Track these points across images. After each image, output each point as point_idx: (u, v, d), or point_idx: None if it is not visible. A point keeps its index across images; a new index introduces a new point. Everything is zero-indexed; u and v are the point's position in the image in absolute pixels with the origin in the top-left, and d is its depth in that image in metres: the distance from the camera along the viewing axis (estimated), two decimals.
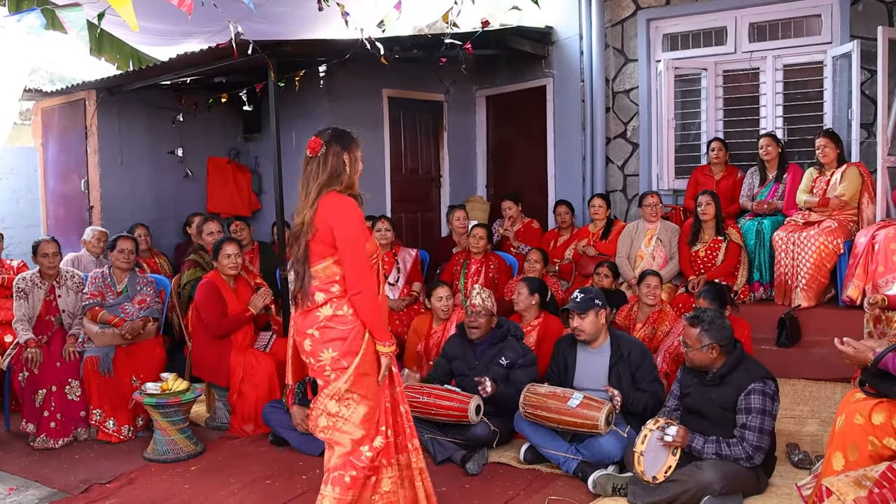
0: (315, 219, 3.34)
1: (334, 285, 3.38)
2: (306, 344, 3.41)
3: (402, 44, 7.06)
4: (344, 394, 3.36)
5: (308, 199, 3.38)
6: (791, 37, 7.54)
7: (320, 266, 3.38)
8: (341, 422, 3.39)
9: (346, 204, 3.38)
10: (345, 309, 3.36)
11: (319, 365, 3.39)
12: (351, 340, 3.36)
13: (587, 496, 4.18)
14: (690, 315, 4.19)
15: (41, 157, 8.45)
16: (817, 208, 6.34)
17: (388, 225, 7.03)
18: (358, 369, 3.36)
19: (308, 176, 3.41)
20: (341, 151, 3.42)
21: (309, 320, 3.40)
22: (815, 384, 5.64)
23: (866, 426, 3.17)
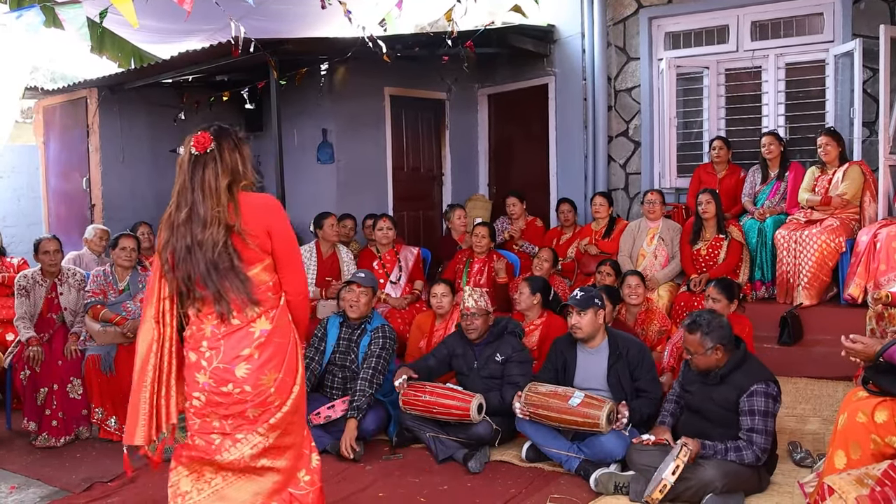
0: (243, 221, 2.88)
1: (268, 293, 2.95)
2: (240, 369, 2.86)
3: (404, 42, 7.06)
4: (292, 417, 2.97)
5: (215, 201, 2.85)
6: (793, 35, 7.53)
7: (252, 272, 2.92)
8: (282, 450, 2.99)
9: (275, 202, 3.04)
10: (282, 320, 2.97)
11: (259, 391, 2.88)
12: (290, 355, 2.98)
13: (589, 494, 4.18)
14: (687, 322, 4.15)
15: (43, 156, 8.46)
16: (819, 207, 6.34)
17: (389, 223, 7.03)
18: (301, 387, 3.01)
19: (202, 177, 2.88)
20: (234, 148, 2.96)
21: (238, 340, 2.89)
22: (817, 382, 5.64)
23: (869, 424, 3.16)
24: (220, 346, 2.89)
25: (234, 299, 2.87)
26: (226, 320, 2.89)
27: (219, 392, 2.89)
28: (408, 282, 6.96)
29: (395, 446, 5.02)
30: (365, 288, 5.26)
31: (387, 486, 4.40)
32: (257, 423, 2.91)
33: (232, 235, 2.86)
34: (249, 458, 2.93)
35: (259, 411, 2.90)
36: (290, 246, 3.01)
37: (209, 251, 2.83)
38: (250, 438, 2.92)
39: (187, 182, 2.90)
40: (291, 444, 3.01)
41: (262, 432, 2.92)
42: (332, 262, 6.99)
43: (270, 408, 2.91)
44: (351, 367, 5.22)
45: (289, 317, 3.02)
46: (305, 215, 7.90)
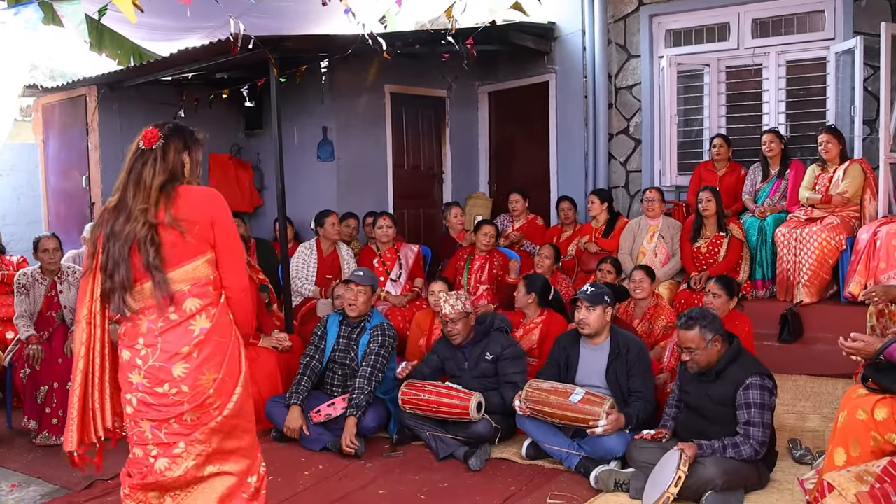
0: (181, 213, 2.77)
1: (208, 287, 2.82)
2: (177, 368, 2.73)
3: (404, 39, 7.05)
4: (236, 420, 2.83)
5: (143, 196, 2.78)
6: (794, 33, 7.51)
7: (189, 266, 2.79)
8: (229, 454, 2.86)
9: (218, 194, 2.91)
10: (223, 318, 2.85)
11: (197, 392, 2.74)
12: (231, 355, 2.83)
13: (589, 492, 4.18)
14: (682, 321, 4.13)
15: (42, 154, 8.45)
16: (820, 205, 6.33)
17: (389, 221, 7.03)
18: (245, 388, 2.86)
19: (139, 172, 2.82)
20: (182, 149, 2.90)
21: (178, 337, 2.75)
22: (817, 380, 5.64)
23: (869, 422, 3.16)
24: (157, 344, 2.75)
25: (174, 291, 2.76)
26: (161, 311, 2.76)
27: (153, 392, 2.76)
28: (408, 280, 6.96)
29: (396, 444, 5.02)
30: (363, 286, 5.25)
31: (387, 484, 4.41)
32: (196, 428, 2.77)
33: (161, 231, 2.75)
34: (195, 469, 2.80)
35: (197, 414, 2.76)
36: (232, 239, 2.89)
37: (126, 244, 2.75)
38: (191, 450, 2.78)
39: (128, 174, 2.86)
40: (237, 447, 2.87)
41: (201, 438, 2.78)
42: (332, 261, 6.99)
43: (210, 410, 2.77)
44: (351, 366, 5.22)
45: (229, 317, 2.89)
46: (306, 213, 7.90)
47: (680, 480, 3.68)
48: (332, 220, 6.95)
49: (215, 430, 2.79)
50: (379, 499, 4.21)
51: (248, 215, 8.50)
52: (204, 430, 2.78)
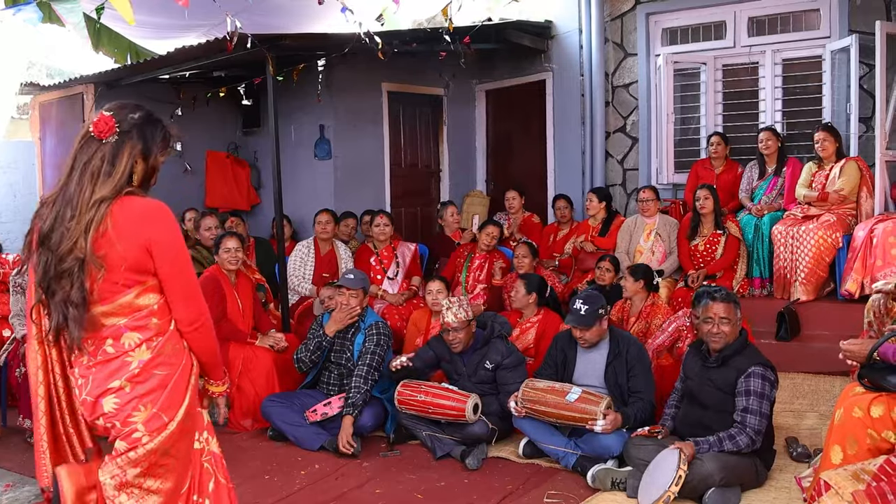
0: (103, 244, 2.37)
1: (152, 318, 2.47)
2: (107, 403, 2.42)
3: (402, 38, 7.05)
4: (159, 458, 2.46)
5: (84, 206, 2.36)
6: (790, 31, 7.53)
7: (126, 298, 2.43)
8: (140, 494, 2.46)
9: (161, 210, 2.46)
10: (167, 348, 2.49)
11: (129, 429, 2.42)
12: (173, 388, 2.48)
13: (586, 490, 4.17)
14: (723, 293, 4.19)
15: (39, 152, 8.43)
16: (816, 202, 6.35)
17: (386, 220, 7.02)
18: (181, 425, 2.49)
19: (86, 168, 2.40)
20: (140, 153, 2.46)
21: (111, 370, 2.43)
22: (815, 378, 5.65)
23: (865, 419, 3.17)
24: (90, 377, 2.46)
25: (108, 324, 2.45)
26: (98, 343, 2.45)
27: (94, 424, 2.52)
28: (405, 278, 6.96)
29: (393, 443, 5.01)
30: (355, 290, 5.22)
31: (384, 483, 4.40)
32: (119, 455, 2.45)
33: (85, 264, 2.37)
34: (107, 488, 2.46)
35: (125, 445, 2.43)
36: (177, 266, 2.48)
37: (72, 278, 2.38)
38: (110, 468, 2.46)
39: (73, 172, 2.44)
40: (158, 489, 2.48)
41: (120, 463, 2.44)
42: (329, 259, 6.99)
43: (138, 441, 2.43)
44: (346, 365, 5.21)
45: (181, 344, 2.54)
46: (303, 211, 7.90)
47: (681, 479, 3.68)
48: (320, 218, 6.95)
49: (134, 462, 2.44)
50: (375, 498, 4.21)
51: (246, 214, 8.50)
52: (123, 458, 2.44)
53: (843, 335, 5.31)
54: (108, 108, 2.47)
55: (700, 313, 4.21)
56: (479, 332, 5.12)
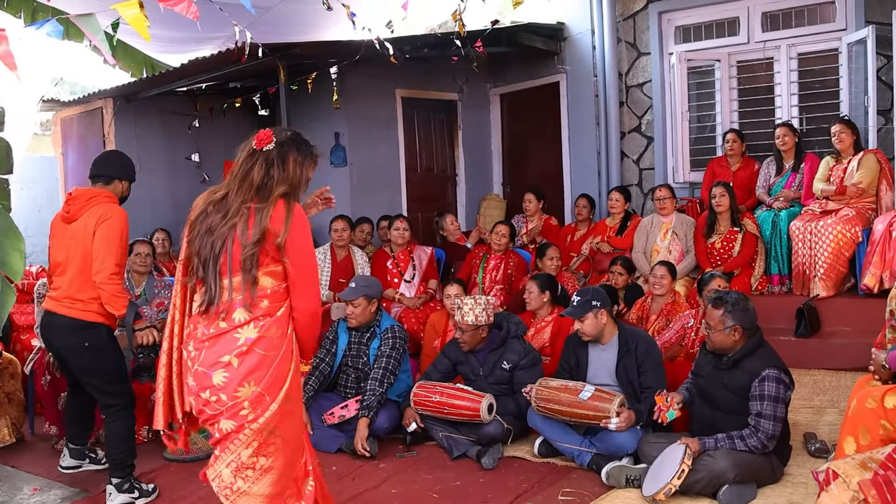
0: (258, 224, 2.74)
1: (263, 300, 2.74)
2: (217, 377, 2.69)
3: (413, 43, 7.09)
4: (267, 437, 2.72)
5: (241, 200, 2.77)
6: (805, 25, 7.48)
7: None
8: (256, 474, 2.74)
9: (302, 214, 2.85)
10: (273, 330, 2.73)
11: (234, 403, 2.69)
12: (276, 369, 2.73)
13: (601, 488, 4.17)
14: (714, 296, 4.16)
15: (61, 166, 8.59)
16: (834, 197, 6.28)
17: (405, 224, 7.07)
18: (283, 406, 2.74)
19: (247, 170, 2.80)
20: (303, 160, 2.90)
21: (223, 345, 2.70)
22: (835, 374, 5.58)
23: (878, 410, 3.15)
24: (203, 349, 2.73)
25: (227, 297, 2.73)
26: (212, 318, 2.73)
27: (198, 397, 2.76)
28: (422, 281, 6.98)
29: (410, 444, 5.03)
30: (356, 300, 5.22)
31: (400, 483, 4.42)
32: (232, 440, 2.73)
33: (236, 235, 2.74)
34: (227, 479, 2.75)
35: (233, 424, 2.71)
36: (302, 260, 2.79)
37: (219, 240, 2.74)
38: (224, 456, 2.74)
39: (240, 173, 2.82)
40: (270, 467, 2.75)
41: (233, 448, 2.72)
42: (346, 265, 7.03)
43: (245, 420, 2.70)
44: (363, 369, 5.23)
45: (286, 330, 2.78)
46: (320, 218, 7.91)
47: (683, 473, 3.68)
48: (336, 225, 7.00)
49: (244, 443, 2.71)
50: (391, 498, 4.23)
51: None
52: (235, 441, 2.72)
53: (864, 331, 5.35)
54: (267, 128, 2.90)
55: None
56: (496, 333, 5.13)
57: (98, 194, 4.34)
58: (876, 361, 3.62)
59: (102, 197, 4.33)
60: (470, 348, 5.09)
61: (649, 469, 3.98)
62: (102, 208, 4.20)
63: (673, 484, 3.69)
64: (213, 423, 2.76)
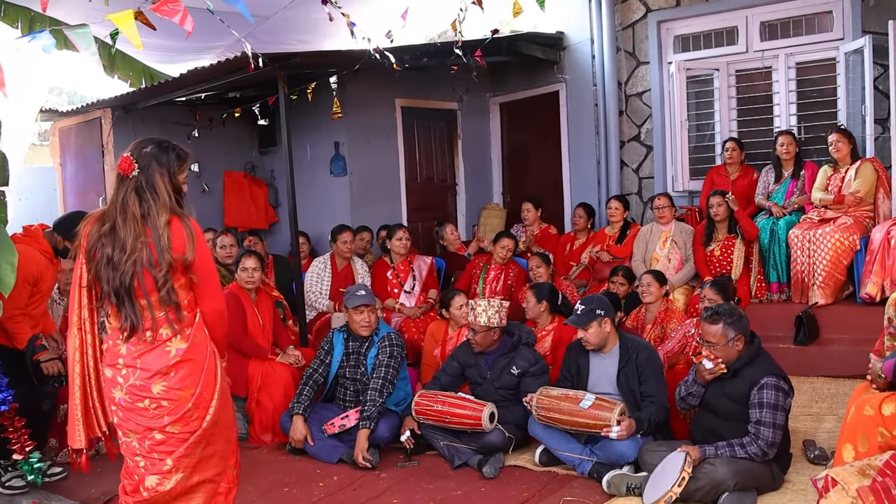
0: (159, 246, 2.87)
1: (184, 311, 2.94)
2: (156, 388, 2.86)
3: (413, 53, 7.11)
4: (213, 428, 2.97)
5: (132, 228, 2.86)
6: (803, 34, 7.50)
7: (161, 294, 2.90)
8: (212, 460, 3.01)
9: (194, 225, 2.97)
10: (199, 335, 2.95)
11: (177, 406, 2.89)
12: (208, 369, 2.96)
13: (602, 496, 4.17)
14: (708, 313, 4.16)
15: (59, 176, 8.59)
16: (833, 205, 6.30)
17: (406, 234, 7.09)
18: (220, 400, 2.99)
19: (123, 201, 2.89)
20: (164, 177, 2.95)
21: (155, 358, 2.88)
22: (834, 381, 5.60)
23: (876, 417, 3.16)
24: (136, 365, 2.88)
25: (149, 317, 2.88)
26: (139, 337, 2.88)
27: (134, 408, 2.90)
28: (422, 291, 6.99)
29: (410, 453, 5.02)
30: (371, 306, 5.25)
31: (401, 493, 4.42)
32: (181, 443, 2.91)
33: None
34: (184, 480, 2.95)
35: (179, 426, 2.90)
36: (203, 265, 2.96)
37: (126, 275, 2.86)
38: (178, 464, 2.92)
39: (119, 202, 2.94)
40: (213, 452, 3.01)
41: (185, 452, 2.92)
42: (346, 275, 7.04)
43: (191, 421, 2.91)
44: (362, 380, 5.23)
45: (205, 332, 2.99)
46: (320, 228, 7.96)
47: (684, 481, 3.68)
48: (344, 237, 7.00)
49: (197, 442, 2.94)
50: None
51: (265, 232, 8.58)
52: (188, 444, 2.92)
53: (863, 338, 5.36)
54: (125, 152, 2.95)
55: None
56: (507, 339, 5.15)
57: (25, 237, 4.61)
58: (873, 370, 3.64)
59: (25, 238, 4.59)
60: (481, 350, 5.11)
61: (650, 477, 3.99)
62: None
63: (674, 492, 3.69)
64: (148, 431, 2.90)
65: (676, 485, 3.68)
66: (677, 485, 3.68)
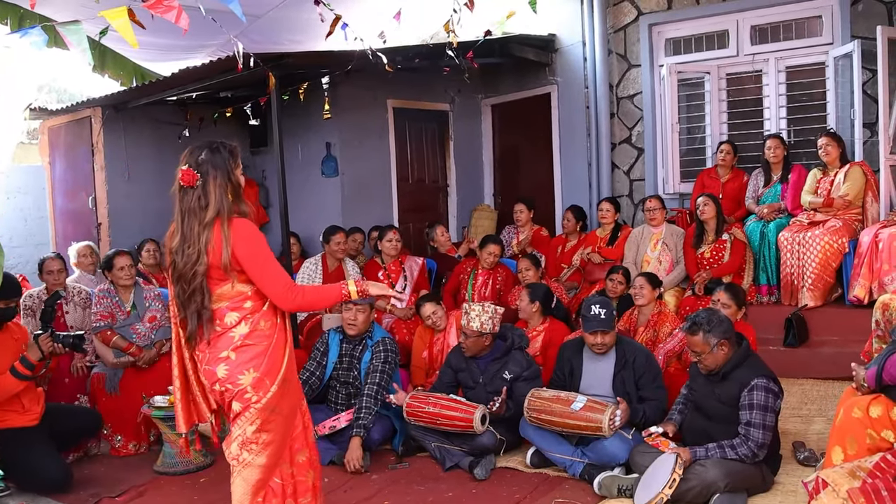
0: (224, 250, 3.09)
1: (246, 301, 3.16)
2: (220, 370, 3.13)
3: (405, 54, 7.11)
4: (269, 415, 3.14)
5: (193, 234, 3.11)
6: (793, 38, 7.54)
7: (225, 288, 3.14)
8: (258, 449, 3.15)
9: (250, 227, 3.16)
10: (262, 324, 3.16)
11: (239, 389, 3.11)
12: (271, 356, 3.15)
13: (593, 498, 4.18)
14: (687, 325, 4.14)
15: (49, 176, 8.53)
16: (822, 208, 6.34)
17: (398, 236, 7.08)
18: (281, 387, 3.15)
19: (185, 210, 3.13)
20: (223, 180, 3.15)
21: (222, 344, 3.14)
22: (823, 383, 5.63)
23: (864, 419, 3.18)
24: (207, 350, 3.16)
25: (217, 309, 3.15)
26: (209, 329, 3.14)
27: (212, 389, 3.21)
28: (413, 292, 6.98)
29: (402, 456, 5.01)
30: (362, 305, 5.23)
31: (393, 494, 4.42)
32: (239, 416, 3.14)
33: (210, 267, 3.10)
34: (237, 449, 3.16)
35: (240, 406, 3.13)
36: (255, 258, 3.12)
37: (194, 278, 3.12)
38: (234, 430, 3.17)
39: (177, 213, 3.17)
40: (270, 441, 3.16)
41: (240, 423, 3.14)
42: (337, 276, 7.02)
43: (249, 402, 3.11)
44: (354, 384, 5.21)
45: (275, 321, 3.20)
46: (312, 229, 7.94)
47: (675, 483, 3.70)
48: (337, 238, 6.98)
49: (249, 420, 3.12)
50: None
51: None
52: (243, 417, 3.13)
53: (852, 340, 5.39)
54: (184, 165, 3.13)
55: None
56: (500, 343, 5.14)
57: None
58: (857, 379, 3.66)
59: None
60: (472, 354, 5.10)
61: (641, 479, 4.00)
62: None
63: (664, 493, 3.70)
64: (229, 407, 3.19)
65: (667, 486, 3.69)
66: (668, 486, 3.70)
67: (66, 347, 4.65)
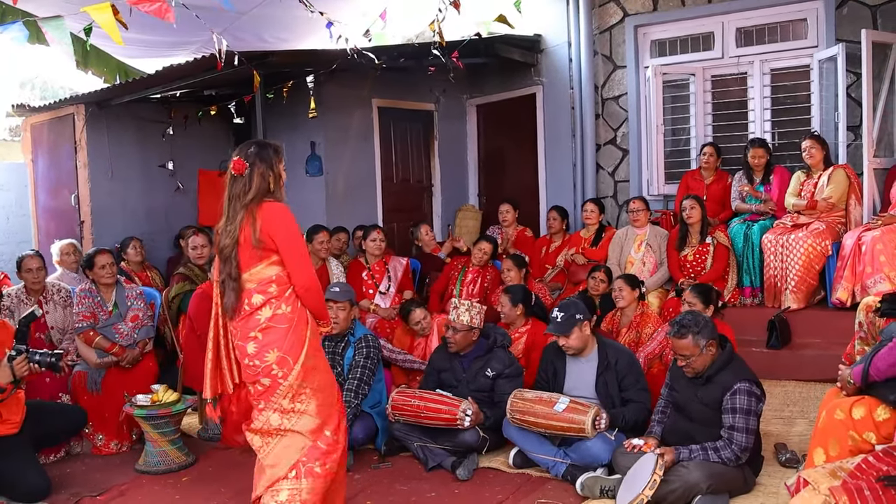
0: (252, 227, 3.45)
1: (271, 286, 3.48)
2: (250, 347, 3.47)
3: (390, 53, 7.09)
4: (297, 389, 3.47)
5: (235, 216, 3.49)
6: (778, 41, 7.58)
7: (255, 269, 3.48)
8: (296, 416, 3.49)
9: (281, 208, 3.53)
10: (283, 308, 3.47)
11: (265, 366, 3.45)
12: (293, 336, 3.47)
13: (576, 499, 4.17)
14: (673, 330, 4.12)
15: (31, 173, 8.47)
16: (805, 211, 6.37)
17: (382, 235, 7.04)
18: (305, 363, 3.48)
19: (233, 195, 3.51)
20: (266, 170, 3.53)
21: (251, 324, 3.48)
22: (805, 385, 5.67)
23: (847, 421, 3.19)
24: (239, 327, 3.50)
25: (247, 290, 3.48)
26: (240, 307, 3.48)
27: (241, 363, 3.55)
28: (397, 292, 6.95)
29: (384, 455, 5.00)
30: (342, 303, 5.21)
31: (375, 494, 4.40)
32: (271, 392, 3.45)
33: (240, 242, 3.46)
34: (275, 422, 3.48)
35: (269, 381, 3.45)
36: (290, 245, 3.48)
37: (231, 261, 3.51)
38: (270, 404, 3.47)
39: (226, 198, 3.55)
40: (304, 410, 3.49)
41: (275, 399, 3.46)
42: (321, 275, 6.97)
43: (277, 378, 3.43)
44: (337, 381, 5.18)
45: (297, 304, 3.51)
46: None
47: (655, 483, 3.70)
48: (320, 237, 6.94)
49: (282, 394, 3.45)
50: None
51: None
52: (276, 393, 3.45)
53: (834, 342, 5.42)
54: (236, 157, 3.54)
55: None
56: (483, 341, 5.15)
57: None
58: (842, 377, 3.67)
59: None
60: (458, 350, 5.10)
61: (623, 480, 4.00)
62: None
63: (645, 494, 3.70)
64: (255, 382, 3.49)
65: (648, 487, 3.69)
66: (649, 487, 3.69)
67: (44, 367, 4.47)
